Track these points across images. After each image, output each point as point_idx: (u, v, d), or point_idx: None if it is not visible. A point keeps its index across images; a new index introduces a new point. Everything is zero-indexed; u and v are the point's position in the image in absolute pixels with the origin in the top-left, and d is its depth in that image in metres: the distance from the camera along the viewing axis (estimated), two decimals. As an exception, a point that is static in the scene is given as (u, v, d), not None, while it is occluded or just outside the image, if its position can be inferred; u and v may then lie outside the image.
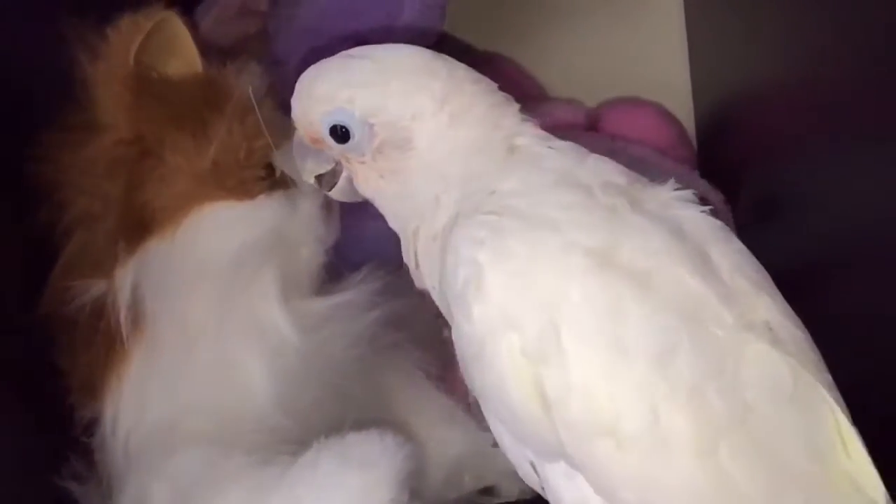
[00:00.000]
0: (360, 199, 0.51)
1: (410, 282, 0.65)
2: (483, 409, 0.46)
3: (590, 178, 0.44)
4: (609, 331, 0.39)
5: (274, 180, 0.56)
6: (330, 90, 0.46)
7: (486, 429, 0.64)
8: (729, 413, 0.38)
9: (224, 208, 0.54)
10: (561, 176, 0.44)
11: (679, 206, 0.44)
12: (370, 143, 0.46)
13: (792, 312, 0.43)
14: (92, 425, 0.55)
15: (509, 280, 0.41)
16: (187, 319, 0.54)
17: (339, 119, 0.46)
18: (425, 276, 0.48)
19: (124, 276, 0.53)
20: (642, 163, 0.76)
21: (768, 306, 0.42)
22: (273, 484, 0.48)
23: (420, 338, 0.62)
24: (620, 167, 0.46)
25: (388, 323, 0.59)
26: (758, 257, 0.45)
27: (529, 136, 0.47)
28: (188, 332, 0.54)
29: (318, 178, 0.51)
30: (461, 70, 0.47)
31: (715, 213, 0.46)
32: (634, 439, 0.38)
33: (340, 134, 0.46)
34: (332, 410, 0.54)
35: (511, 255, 0.41)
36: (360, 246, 0.65)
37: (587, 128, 0.84)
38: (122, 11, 0.55)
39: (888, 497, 0.39)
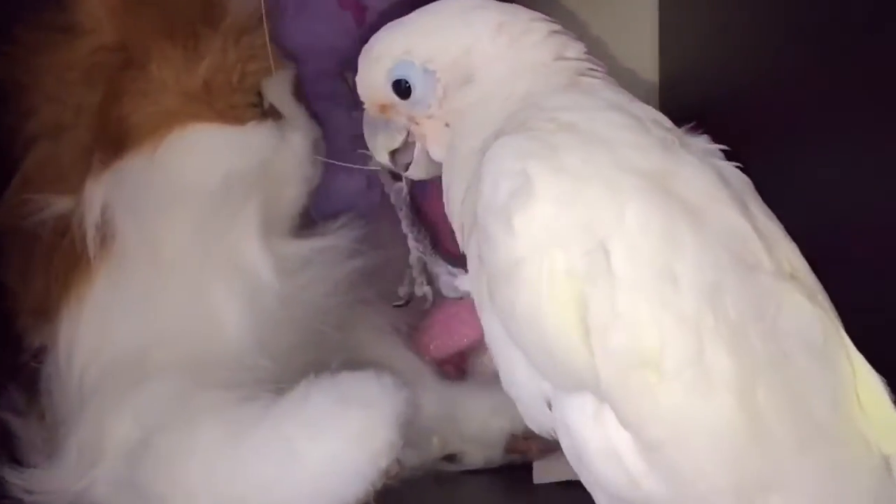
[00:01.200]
0: (437, 173, 0.49)
1: (388, 235, 0.63)
2: (493, 342, 0.43)
3: (642, 113, 0.43)
4: (662, 258, 0.38)
5: (264, 109, 0.53)
6: (386, 47, 0.47)
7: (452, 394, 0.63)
8: (769, 357, 0.38)
9: (211, 131, 0.50)
10: (614, 104, 0.43)
11: (715, 155, 0.44)
12: (434, 92, 0.46)
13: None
14: (41, 353, 0.51)
15: (560, 194, 0.39)
16: (161, 245, 0.50)
17: (401, 73, 0.46)
18: (452, 199, 0.46)
19: (95, 192, 0.49)
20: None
21: (794, 256, 0.42)
22: (254, 420, 0.44)
23: (391, 293, 0.60)
24: (664, 115, 0.45)
25: (364, 275, 0.56)
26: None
27: (595, 74, 0.46)
28: (161, 258, 0.50)
29: (393, 156, 0.50)
30: (514, 4, 0.46)
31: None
32: (677, 372, 0.37)
33: (404, 89, 0.46)
34: (311, 357, 0.50)
35: (563, 168, 0.39)
36: (328, 197, 0.63)
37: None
38: None
39: None
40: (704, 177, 0.41)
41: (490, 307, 0.42)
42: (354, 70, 0.84)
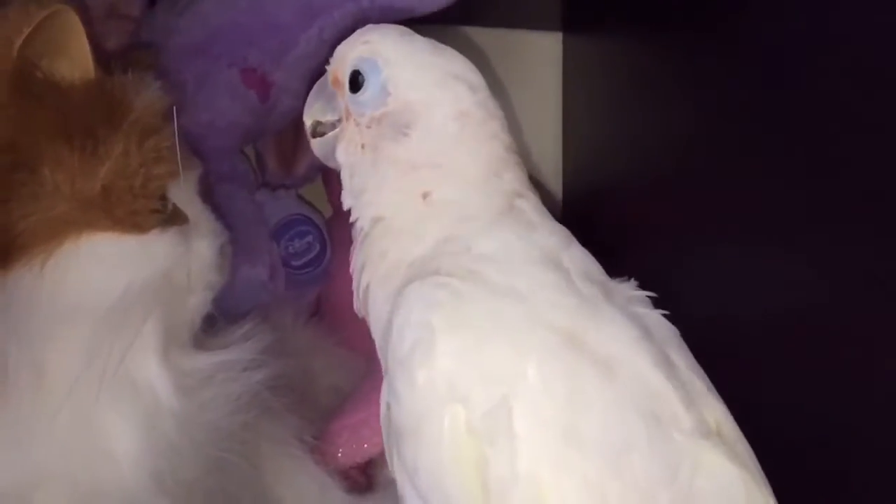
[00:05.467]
0: (332, 166, 0.49)
1: (291, 342, 0.60)
2: (403, 496, 0.42)
3: (571, 264, 0.42)
4: (566, 419, 0.37)
5: (168, 214, 0.49)
6: (378, 41, 0.46)
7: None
8: None
9: (108, 241, 0.46)
10: (545, 254, 0.42)
11: (640, 304, 0.43)
12: (375, 108, 0.45)
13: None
14: None
15: (462, 348, 0.38)
16: (48, 367, 0.45)
17: (365, 68, 0.46)
18: (371, 320, 0.44)
19: (-27, 309, 0.44)
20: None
21: (719, 411, 0.41)
22: None
23: (296, 402, 0.57)
24: (595, 261, 0.45)
25: (267, 386, 0.53)
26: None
27: (532, 202, 0.45)
28: (47, 382, 0.45)
29: (314, 126, 0.50)
30: (495, 101, 0.46)
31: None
32: None
33: (357, 82, 0.46)
34: (211, 485, 0.47)
35: (468, 322, 0.38)
36: (231, 292, 0.59)
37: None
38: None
39: None
40: (623, 332, 0.40)
41: (397, 461, 0.40)
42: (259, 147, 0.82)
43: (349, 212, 0.76)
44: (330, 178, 0.83)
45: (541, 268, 0.41)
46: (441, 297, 0.39)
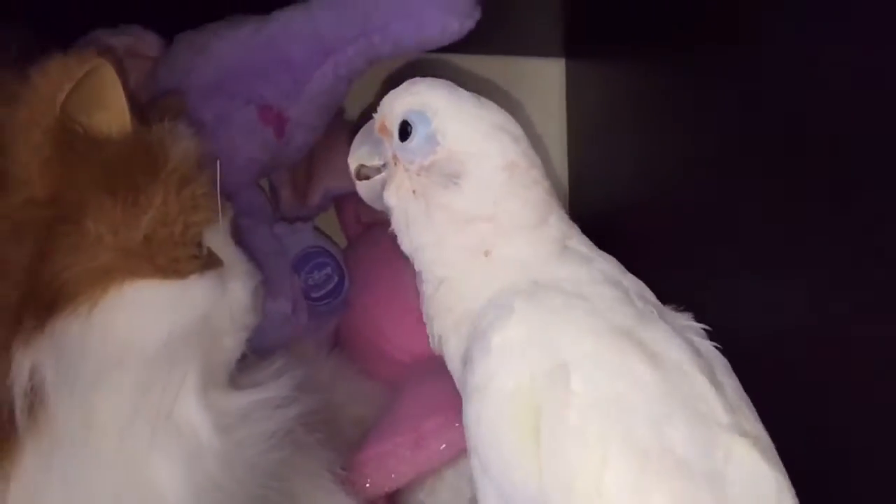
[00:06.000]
0: (377, 207, 0.51)
1: (316, 375, 0.61)
2: (474, 474, 0.44)
3: (629, 285, 0.46)
4: (615, 387, 0.40)
5: (205, 259, 0.51)
6: (425, 93, 0.48)
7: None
8: (709, 497, 0.39)
9: (151, 287, 0.48)
10: (607, 277, 0.46)
11: (693, 333, 0.46)
12: (424, 157, 0.47)
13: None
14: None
15: (534, 321, 0.42)
16: (96, 411, 0.46)
17: (414, 119, 0.48)
18: (447, 359, 0.48)
19: (24, 357, 0.45)
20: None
21: (759, 431, 0.43)
22: None
23: (326, 436, 0.58)
24: (648, 289, 0.48)
25: (301, 423, 0.54)
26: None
27: (580, 239, 0.48)
28: (95, 426, 0.46)
29: (358, 168, 0.52)
30: (534, 149, 0.49)
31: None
32: (616, 490, 0.39)
33: (406, 132, 0.48)
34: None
35: (543, 307, 0.43)
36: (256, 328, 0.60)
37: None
38: (42, 51, 0.48)
39: None
40: (674, 342, 0.43)
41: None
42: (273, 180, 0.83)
43: (368, 240, 0.77)
44: (344, 208, 0.84)
45: (605, 286, 0.45)
46: (521, 294, 0.44)
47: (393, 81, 0.53)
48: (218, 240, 0.52)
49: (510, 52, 0.91)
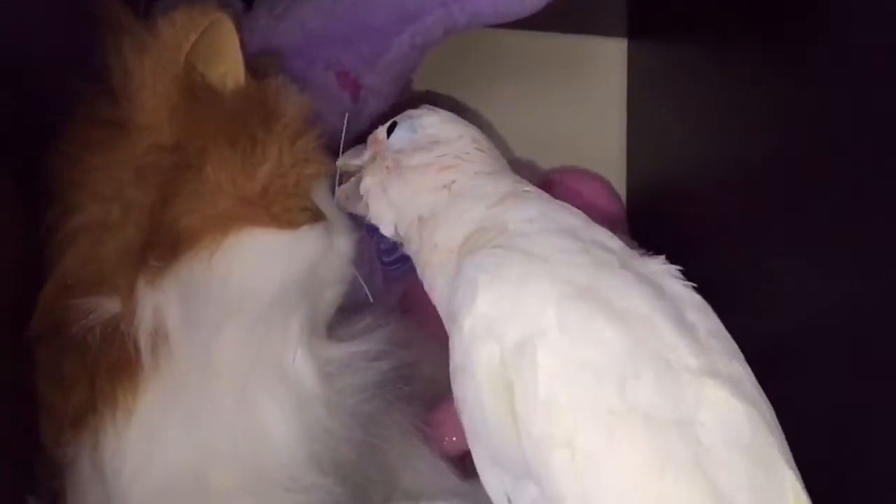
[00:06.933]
0: (350, 210, 0.54)
1: (410, 332, 0.63)
2: (468, 438, 0.46)
3: (587, 236, 0.48)
4: (580, 353, 0.42)
5: (314, 212, 0.52)
6: (413, 113, 0.54)
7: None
8: (682, 445, 0.40)
9: (266, 236, 0.49)
10: (560, 226, 0.48)
11: (665, 276, 0.47)
12: (403, 141, 0.52)
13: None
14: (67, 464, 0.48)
15: (498, 298, 0.44)
16: (213, 354, 0.48)
17: (401, 120, 0.53)
18: (436, 288, 0.50)
19: (149, 297, 0.47)
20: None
21: (736, 368, 0.44)
22: None
23: (413, 392, 0.60)
24: (616, 238, 0.49)
25: (394, 376, 0.56)
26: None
27: (536, 190, 0.52)
28: (212, 367, 0.48)
29: (341, 176, 0.55)
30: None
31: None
32: (588, 454, 0.40)
33: (391, 129, 0.53)
34: (365, 467, 0.50)
35: (504, 279, 0.44)
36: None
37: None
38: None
39: None
40: (636, 289, 0.45)
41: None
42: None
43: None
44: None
45: (561, 236, 0.47)
46: (486, 263, 0.45)
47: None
48: (322, 195, 0.54)
49: (573, 31, 0.92)
